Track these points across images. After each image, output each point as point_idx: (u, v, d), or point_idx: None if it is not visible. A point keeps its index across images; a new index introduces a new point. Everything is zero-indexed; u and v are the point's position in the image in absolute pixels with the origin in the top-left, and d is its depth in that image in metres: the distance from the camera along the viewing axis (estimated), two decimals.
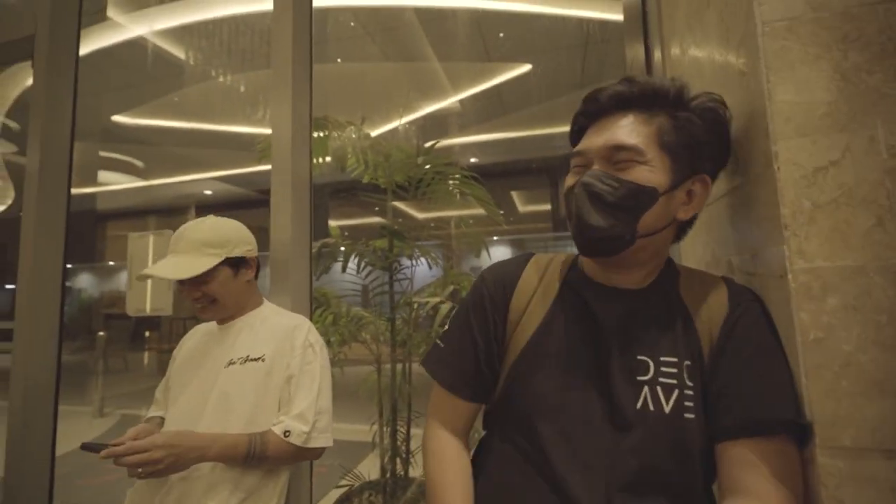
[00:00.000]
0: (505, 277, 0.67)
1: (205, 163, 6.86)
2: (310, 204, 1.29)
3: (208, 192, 7.93)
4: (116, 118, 5.19)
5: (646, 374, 0.56)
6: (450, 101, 5.02)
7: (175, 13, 3.62)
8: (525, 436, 0.59)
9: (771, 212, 0.54)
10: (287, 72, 1.26)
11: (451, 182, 2.23)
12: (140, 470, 0.82)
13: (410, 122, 5.23)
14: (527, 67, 4.47)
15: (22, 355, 1.41)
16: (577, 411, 0.57)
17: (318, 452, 0.98)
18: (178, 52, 4.10)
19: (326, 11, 3.55)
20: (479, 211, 2.47)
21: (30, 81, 1.58)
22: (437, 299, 1.90)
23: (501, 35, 4.06)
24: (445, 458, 0.64)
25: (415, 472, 2.02)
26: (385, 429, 2.01)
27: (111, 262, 10.27)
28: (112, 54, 3.86)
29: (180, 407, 0.99)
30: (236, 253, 1.01)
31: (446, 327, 0.70)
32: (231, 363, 0.98)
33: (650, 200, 0.56)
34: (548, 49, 4.16)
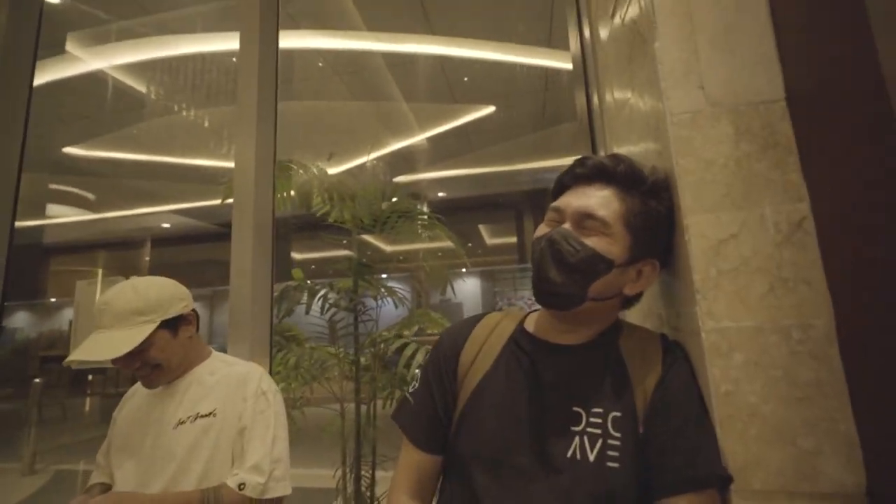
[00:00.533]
0: (458, 334, 0.74)
1: (163, 196, 6.66)
2: (272, 243, 1.30)
3: (166, 226, 7.65)
4: (68, 150, 5.00)
5: (578, 424, 0.61)
6: (417, 138, 5.18)
7: (137, 49, 3.60)
8: (464, 481, 0.63)
9: (687, 276, 0.61)
10: (252, 110, 1.30)
11: (416, 221, 2.29)
12: None
13: (378, 159, 5.33)
14: (490, 109, 4.71)
15: None
16: (510, 460, 0.61)
17: (276, 502, 0.96)
18: (139, 86, 4.05)
19: (294, 52, 3.64)
20: (447, 244, 2.53)
21: None
22: (402, 340, 1.91)
23: (466, 79, 4.27)
24: None
25: None
26: (349, 474, 1.95)
27: (53, 299, 9.56)
28: (68, 85, 3.77)
29: (127, 473, 0.95)
30: (171, 314, 0.97)
31: (415, 382, 0.76)
32: (180, 423, 0.96)
33: (604, 269, 0.62)
34: (510, 93, 4.41)
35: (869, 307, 0.48)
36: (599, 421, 0.60)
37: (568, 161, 0.71)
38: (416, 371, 1.85)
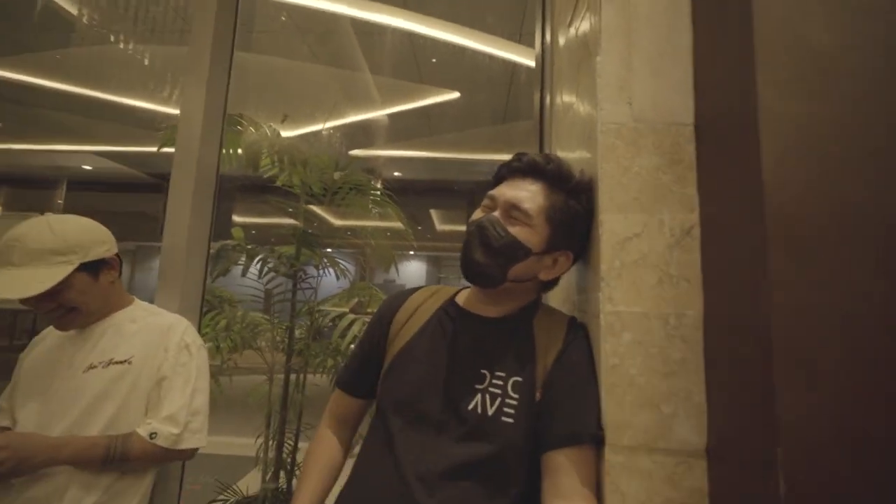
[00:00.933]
0: (395, 301, 0.85)
1: (86, 134, 5.97)
2: (214, 200, 1.27)
3: (87, 168, 6.89)
4: None
5: (482, 383, 0.70)
6: (378, 113, 5.08)
7: None
8: (384, 423, 0.73)
9: (596, 265, 0.70)
10: (205, 55, 1.24)
11: (368, 196, 2.29)
12: None
13: (335, 128, 5.17)
14: (455, 95, 4.72)
15: None
16: (421, 408, 0.71)
17: (190, 453, 0.97)
18: (69, 6, 3.61)
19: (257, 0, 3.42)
20: (397, 224, 2.55)
21: None
22: (340, 310, 1.93)
23: (434, 60, 4.25)
24: (315, 454, 0.82)
25: None
26: (271, 442, 1.96)
27: None
28: None
29: (30, 414, 0.92)
30: (92, 257, 0.94)
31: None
32: (91, 367, 0.93)
33: (523, 256, 0.71)
34: (477, 82, 4.44)
35: (730, 303, 0.60)
36: (501, 383, 0.69)
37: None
38: (351, 345, 1.88)
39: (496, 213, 0.73)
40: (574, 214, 0.73)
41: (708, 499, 0.61)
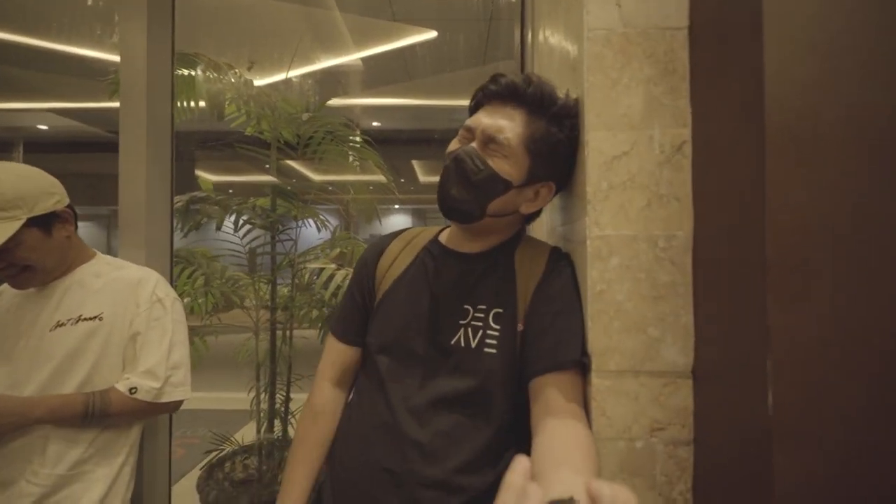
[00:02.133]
0: (378, 246, 0.82)
1: (40, 90, 5.51)
2: (171, 150, 1.17)
3: (43, 127, 6.41)
4: None
5: (465, 318, 0.69)
6: (351, 57, 4.76)
7: None
8: (373, 364, 0.73)
9: (581, 189, 0.66)
10: None
11: (345, 145, 2.17)
12: None
13: (307, 76, 4.85)
14: (432, 34, 4.42)
15: None
16: (407, 345, 0.71)
17: (174, 406, 0.95)
18: None
19: None
20: (379, 177, 2.45)
21: None
22: (323, 263, 1.88)
23: None
24: (313, 411, 0.78)
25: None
26: (263, 394, 1.97)
27: None
28: None
29: (1, 379, 0.87)
30: (39, 210, 0.85)
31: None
32: (59, 325, 0.88)
33: (502, 189, 0.67)
34: (454, 19, 4.15)
35: (719, 223, 0.57)
36: (482, 316, 0.69)
37: None
38: (335, 296, 1.85)
39: (473, 145, 0.68)
40: (556, 142, 0.68)
41: (693, 416, 0.61)
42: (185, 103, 1.73)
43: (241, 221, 1.85)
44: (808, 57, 0.46)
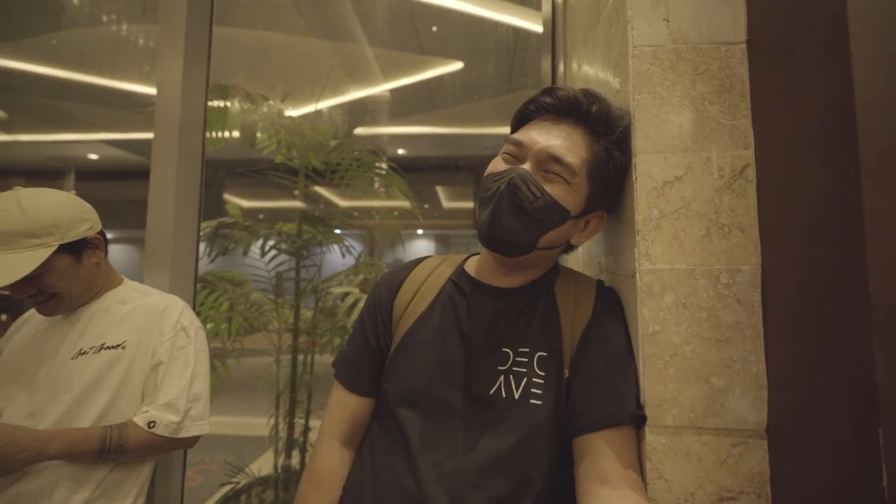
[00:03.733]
0: (394, 279, 0.71)
1: (90, 122, 5.91)
2: (201, 178, 1.18)
3: (93, 157, 6.85)
4: None
5: (505, 364, 0.60)
6: (380, 88, 4.91)
7: None
8: (392, 420, 0.62)
9: (629, 217, 0.60)
10: (180, 26, 1.13)
11: (371, 172, 2.18)
12: None
13: (337, 107, 5.02)
14: (458, 65, 4.52)
15: None
16: (437, 396, 0.60)
17: (192, 441, 0.90)
18: None
19: None
20: (404, 203, 2.45)
21: None
22: (347, 288, 1.85)
23: (435, 29, 4.05)
24: (317, 477, 0.66)
25: None
26: (282, 422, 1.92)
27: None
28: None
29: (16, 406, 0.85)
30: (72, 237, 0.84)
31: (352, 330, 0.73)
32: (81, 353, 0.86)
33: (560, 220, 0.59)
34: (480, 50, 4.24)
35: (793, 256, 0.49)
36: (525, 360, 0.59)
37: None
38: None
39: (526, 166, 0.58)
40: (616, 169, 0.60)
41: (770, 485, 0.52)
42: (219, 133, 1.78)
43: (267, 247, 1.85)
44: None
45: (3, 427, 0.78)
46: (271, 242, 1.89)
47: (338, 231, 2.18)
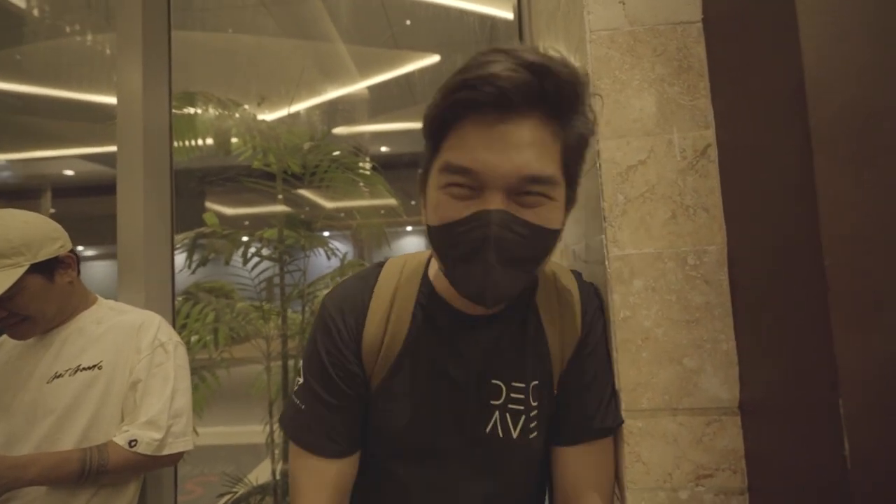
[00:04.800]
0: (354, 308, 0.56)
1: (63, 137, 5.77)
2: (170, 189, 1.15)
3: (69, 173, 6.70)
4: None
5: (498, 398, 0.54)
6: (358, 86, 4.85)
7: None
8: (386, 473, 0.57)
9: (595, 204, 0.60)
10: (136, 32, 1.10)
11: (351, 172, 2.16)
12: None
13: (315, 108, 4.96)
14: (436, 58, 4.48)
15: None
16: (432, 446, 0.55)
17: (176, 458, 0.90)
18: (17, 0, 3.38)
19: None
20: (391, 201, 2.43)
21: None
22: None
23: (408, 23, 4.01)
24: None
25: None
26: (277, 429, 1.91)
27: None
28: None
29: None
30: (43, 256, 0.83)
31: (300, 378, 0.57)
32: (57, 376, 0.85)
33: (554, 243, 0.47)
34: (456, 41, 4.21)
35: (757, 234, 0.49)
36: (521, 396, 0.54)
37: None
38: None
39: (496, 202, 0.43)
40: (586, 144, 0.47)
41: (745, 460, 0.52)
42: (189, 142, 1.74)
43: (249, 254, 1.83)
44: (854, 38, 0.40)
45: None
46: (252, 250, 1.87)
47: (326, 233, 2.15)
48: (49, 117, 5.02)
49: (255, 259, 1.89)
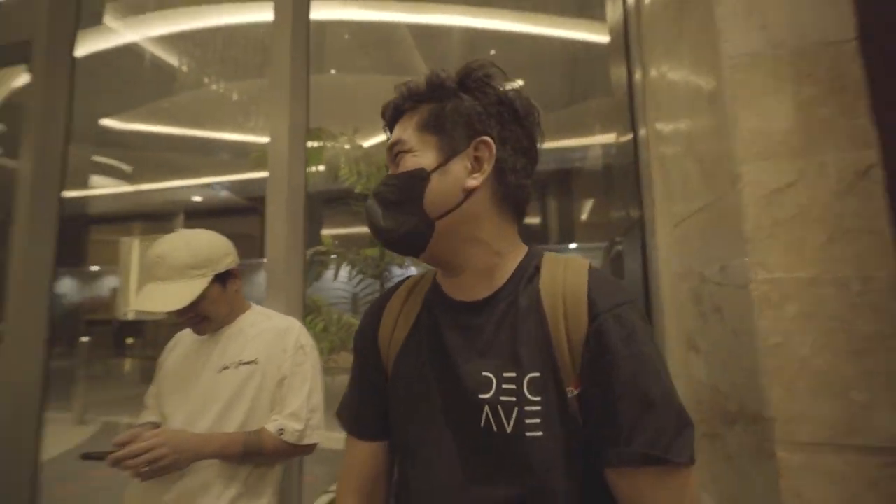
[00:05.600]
0: (375, 308, 0.65)
1: (194, 168, 6.83)
2: (304, 212, 1.32)
3: (197, 199, 7.86)
4: (105, 122, 5.17)
5: (488, 391, 0.51)
6: None
7: (170, 20, 3.64)
8: (399, 470, 0.59)
9: (733, 227, 0.59)
10: (285, 82, 1.30)
11: None
12: (146, 469, 0.84)
13: None
14: (518, 83, 4.57)
15: (9, 360, 1.40)
16: (423, 443, 0.55)
17: (311, 448, 1.01)
18: (171, 59, 4.12)
19: (323, 24, 3.62)
20: None
21: (16, 84, 1.56)
22: None
23: (493, 52, 4.16)
24: None
25: None
26: None
27: (94, 267, 10.07)
28: (103, 57, 3.86)
29: (176, 413, 1.01)
30: (222, 268, 1.01)
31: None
32: (225, 368, 1.01)
33: (422, 182, 0.54)
34: (538, 67, 4.27)
35: None
36: (513, 387, 0.50)
37: (597, 139, 0.61)
38: None
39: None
40: (460, 105, 0.56)
41: None
42: (312, 168, 1.99)
43: (353, 272, 2.00)
44: None
45: (174, 432, 0.94)
46: (348, 267, 2.03)
47: None
48: (184, 152, 5.98)
49: (358, 276, 2.05)
